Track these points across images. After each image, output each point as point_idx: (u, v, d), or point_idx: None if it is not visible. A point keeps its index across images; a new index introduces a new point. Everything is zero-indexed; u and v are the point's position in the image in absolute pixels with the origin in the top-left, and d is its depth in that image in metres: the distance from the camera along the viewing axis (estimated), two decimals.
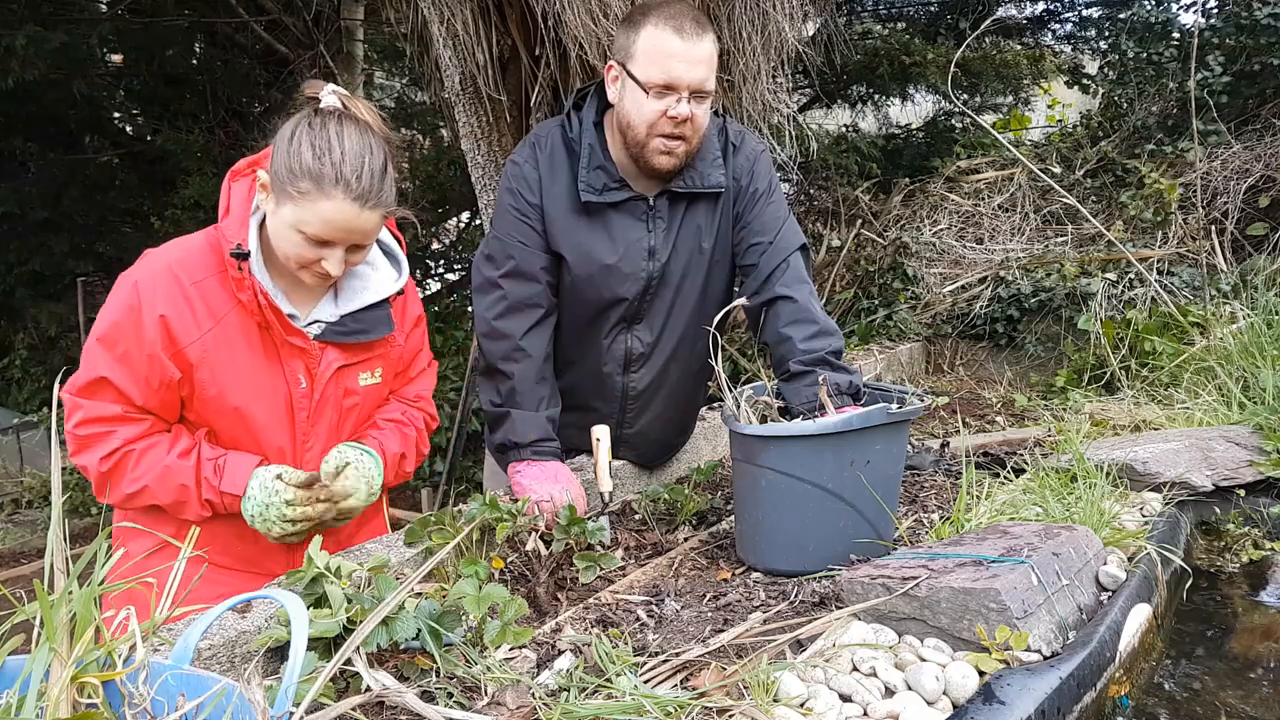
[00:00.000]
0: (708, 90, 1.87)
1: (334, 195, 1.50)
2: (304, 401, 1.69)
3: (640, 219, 2.01)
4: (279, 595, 1.10)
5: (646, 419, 2.20)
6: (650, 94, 1.85)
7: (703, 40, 1.84)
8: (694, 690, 1.24)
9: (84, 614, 0.90)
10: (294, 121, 1.56)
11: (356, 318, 1.71)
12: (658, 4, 1.88)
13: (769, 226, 2.05)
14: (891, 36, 6.16)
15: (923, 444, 2.50)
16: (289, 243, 1.55)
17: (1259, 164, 4.21)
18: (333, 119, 1.55)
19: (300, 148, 1.51)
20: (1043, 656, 1.26)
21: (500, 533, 1.64)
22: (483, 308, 2.03)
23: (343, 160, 1.51)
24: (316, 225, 1.52)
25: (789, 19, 3.25)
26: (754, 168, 2.08)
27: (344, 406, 1.74)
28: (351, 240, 1.57)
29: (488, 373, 2.04)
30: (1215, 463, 2.14)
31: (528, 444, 1.96)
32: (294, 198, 1.51)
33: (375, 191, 1.54)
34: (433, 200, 6.89)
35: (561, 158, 2.00)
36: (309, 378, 1.68)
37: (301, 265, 1.58)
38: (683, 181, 1.99)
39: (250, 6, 6.56)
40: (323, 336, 1.68)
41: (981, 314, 4.09)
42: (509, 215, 2.01)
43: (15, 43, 4.87)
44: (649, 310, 2.07)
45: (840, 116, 6.86)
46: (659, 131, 1.88)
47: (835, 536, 1.66)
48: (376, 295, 1.73)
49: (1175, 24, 5.19)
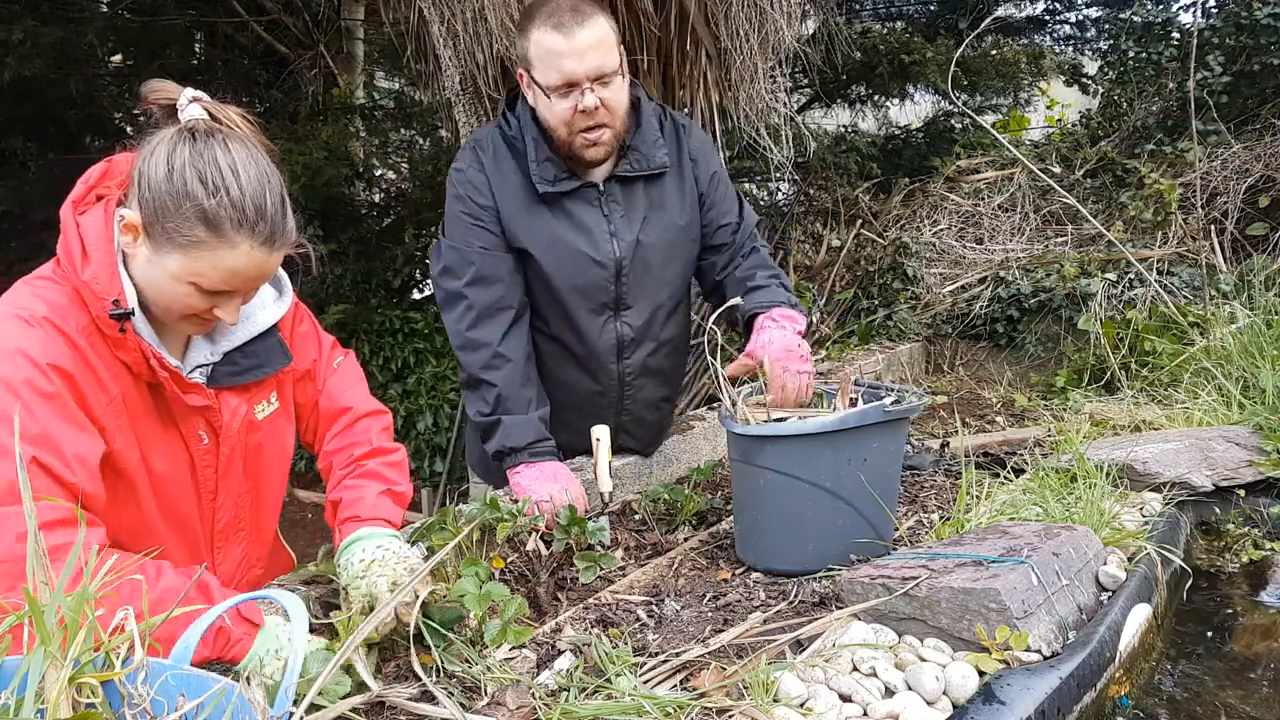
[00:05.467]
0: (608, 72, 1.87)
1: (238, 244, 1.25)
2: (208, 458, 1.45)
3: (594, 205, 2.03)
4: (279, 595, 1.10)
5: (641, 402, 2.22)
6: (554, 96, 1.87)
7: (585, 27, 1.83)
8: (694, 690, 1.24)
9: (74, 616, 0.90)
10: (164, 145, 1.27)
11: (245, 352, 1.46)
12: (538, 4, 1.89)
13: (733, 208, 2.19)
14: (891, 36, 6.16)
15: (923, 444, 2.50)
16: (173, 295, 1.29)
17: (1259, 164, 4.21)
18: (216, 141, 1.27)
19: (184, 183, 1.23)
20: (1043, 656, 1.26)
21: (501, 533, 1.64)
22: (453, 321, 2.01)
23: (243, 198, 1.25)
24: (216, 277, 1.27)
25: (787, 18, 3.25)
26: (706, 148, 2.17)
27: (250, 445, 1.51)
28: (255, 286, 1.36)
29: (471, 384, 2.03)
30: (1215, 463, 2.14)
31: (524, 447, 1.96)
32: (183, 247, 1.25)
33: (282, 228, 1.30)
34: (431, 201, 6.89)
35: (505, 155, 2.01)
36: (212, 432, 1.44)
37: (186, 316, 1.32)
38: (628, 164, 2.02)
39: (250, 6, 6.56)
40: (214, 382, 1.43)
41: (981, 314, 4.09)
42: (463, 222, 2.00)
43: (12, 37, 4.85)
44: (632, 294, 2.08)
45: (840, 116, 6.86)
46: (577, 128, 1.90)
47: (835, 536, 1.66)
48: (259, 326, 1.47)
49: (1175, 24, 5.19)
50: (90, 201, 1.33)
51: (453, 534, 1.59)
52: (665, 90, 3.36)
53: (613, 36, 1.88)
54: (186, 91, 1.33)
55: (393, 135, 6.71)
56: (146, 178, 1.26)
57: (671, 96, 3.37)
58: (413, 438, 5.41)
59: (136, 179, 1.27)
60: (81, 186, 1.33)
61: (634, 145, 2.01)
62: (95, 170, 1.35)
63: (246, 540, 1.59)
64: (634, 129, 2.01)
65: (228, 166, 1.25)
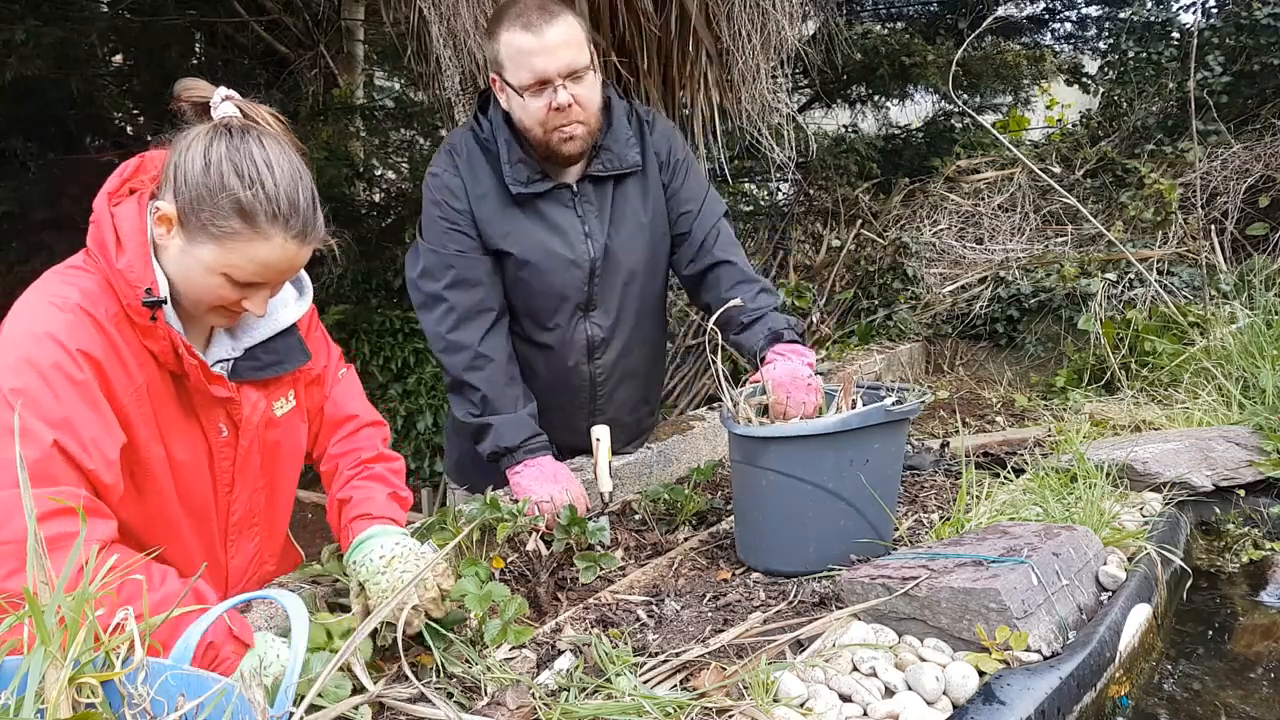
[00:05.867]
0: (579, 69, 1.87)
1: (272, 236, 1.29)
2: (227, 450, 1.47)
3: (568, 205, 2.04)
4: (279, 595, 1.10)
5: (615, 405, 2.22)
6: (527, 95, 1.87)
7: (553, 25, 1.83)
8: (694, 690, 1.24)
9: (74, 616, 0.90)
10: (199, 140, 1.30)
11: (267, 349, 1.48)
12: (505, 5, 1.90)
13: (695, 195, 2.16)
14: (891, 36, 6.15)
15: (923, 444, 2.50)
16: (205, 286, 1.32)
17: (1259, 164, 4.21)
18: (250, 137, 1.30)
19: (221, 176, 1.26)
20: (1042, 656, 1.26)
21: (501, 533, 1.64)
22: (432, 323, 2.02)
23: (278, 191, 1.28)
24: (249, 268, 1.30)
25: (789, 19, 3.25)
26: (671, 140, 2.16)
27: (267, 442, 1.53)
28: (285, 279, 1.39)
29: (455, 387, 2.03)
30: (1215, 463, 2.14)
31: (518, 445, 1.96)
32: (217, 237, 1.27)
33: (313, 223, 1.34)
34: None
35: (480, 158, 2.02)
36: (231, 425, 1.46)
37: (215, 307, 1.35)
38: (601, 164, 2.03)
39: (251, 6, 6.56)
40: (235, 376, 1.45)
41: (981, 314, 4.09)
42: (440, 227, 2.00)
43: (14, 37, 4.85)
44: (601, 295, 2.08)
45: (840, 117, 6.86)
46: (552, 125, 1.90)
47: (836, 537, 1.66)
48: (280, 323, 1.50)
49: (1175, 24, 5.19)
50: (124, 194, 1.35)
51: (453, 534, 1.60)
52: (666, 90, 3.36)
53: (582, 34, 1.88)
54: (219, 90, 1.35)
55: (393, 135, 6.70)
56: (182, 171, 1.28)
57: (672, 97, 3.37)
58: (413, 438, 5.40)
59: (172, 172, 1.30)
60: (115, 179, 1.35)
61: (606, 145, 2.02)
62: (129, 164, 1.37)
63: (260, 535, 1.61)
64: (606, 128, 2.02)
65: (263, 161, 1.28)
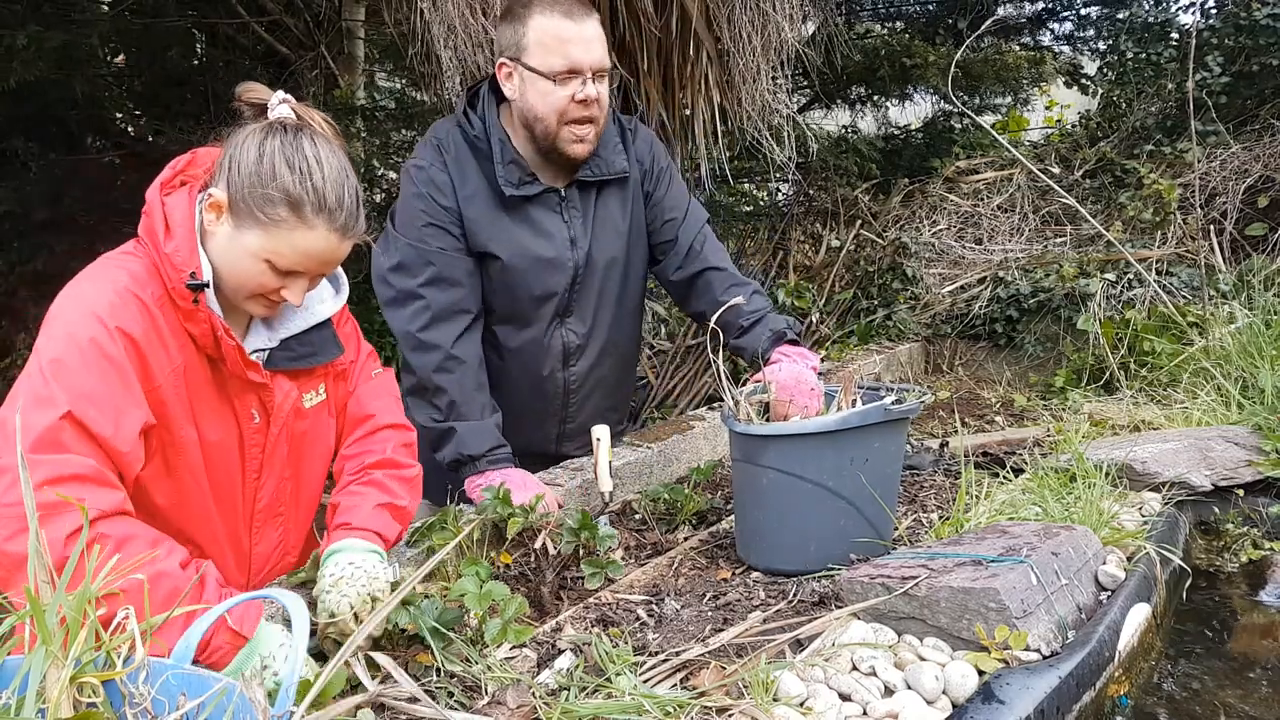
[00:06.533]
0: (606, 69, 1.88)
1: (316, 225, 1.35)
2: (257, 437, 1.51)
3: (555, 210, 2.02)
4: (280, 595, 1.10)
5: (587, 412, 2.19)
6: (556, 82, 1.85)
7: (591, 19, 1.86)
8: (694, 689, 1.24)
9: (75, 615, 0.90)
10: (254, 136, 1.38)
11: (301, 340, 1.54)
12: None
13: (678, 203, 2.15)
14: (892, 38, 6.16)
15: (922, 444, 2.51)
16: (249, 272, 1.38)
17: (1258, 164, 4.21)
18: (304, 135, 1.39)
19: (273, 167, 1.34)
20: (1042, 656, 1.26)
21: (511, 529, 1.63)
22: (403, 321, 1.94)
23: (325, 185, 1.35)
24: (292, 256, 1.36)
25: (789, 20, 3.25)
26: (653, 148, 2.16)
27: (295, 432, 1.57)
28: (324, 271, 1.44)
29: (419, 390, 1.94)
30: (1214, 462, 2.14)
31: (482, 455, 1.91)
32: (265, 224, 1.34)
33: (355, 219, 1.40)
34: None
35: (468, 156, 1.98)
36: (263, 411, 1.51)
37: (255, 294, 1.41)
38: (589, 170, 2.02)
39: (251, 7, 6.56)
40: (270, 365, 1.50)
41: (981, 314, 4.09)
42: (421, 220, 1.95)
43: (16, 42, 4.86)
44: (578, 301, 2.07)
45: (840, 117, 6.86)
46: (569, 118, 1.89)
47: (836, 536, 1.66)
48: (316, 317, 1.55)
49: (1174, 24, 5.19)
50: (175, 185, 1.43)
51: (453, 534, 1.60)
52: (666, 91, 3.36)
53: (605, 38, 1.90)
54: (277, 94, 1.45)
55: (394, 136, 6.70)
56: (236, 162, 1.36)
57: (672, 97, 3.37)
58: None
59: (226, 164, 1.38)
60: (169, 171, 1.44)
61: (595, 151, 2.00)
62: (182, 158, 1.46)
63: (284, 525, 1.62)
64: None
65: (313, 157, 1.36)
